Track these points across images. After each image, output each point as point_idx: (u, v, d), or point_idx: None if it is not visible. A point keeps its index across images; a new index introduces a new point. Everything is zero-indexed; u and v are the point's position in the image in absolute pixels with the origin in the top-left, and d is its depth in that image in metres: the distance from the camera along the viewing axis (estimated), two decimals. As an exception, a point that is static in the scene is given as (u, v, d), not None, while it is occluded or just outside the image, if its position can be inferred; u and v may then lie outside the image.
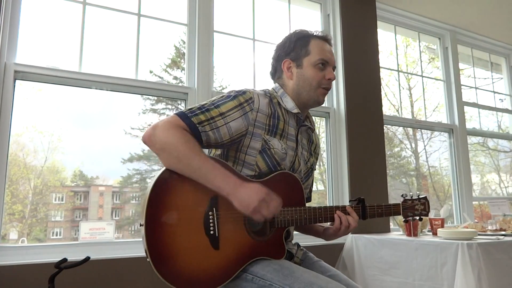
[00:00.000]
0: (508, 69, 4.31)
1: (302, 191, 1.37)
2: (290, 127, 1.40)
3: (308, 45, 1.42)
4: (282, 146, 1.34)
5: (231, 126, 1.26)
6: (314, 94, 1.41)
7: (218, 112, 1.25)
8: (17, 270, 1.79)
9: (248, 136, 1.30)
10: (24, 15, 2.08)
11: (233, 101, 1.29)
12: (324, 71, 1.41)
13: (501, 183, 4.36)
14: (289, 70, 1.43)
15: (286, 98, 1.42)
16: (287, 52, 1.44)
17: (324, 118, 2.98)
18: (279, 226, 1.29)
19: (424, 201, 1.51)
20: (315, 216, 1.35)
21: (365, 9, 3.14)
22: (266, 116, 1.34)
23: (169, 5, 2.54)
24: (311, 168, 1.52)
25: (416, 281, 2.15)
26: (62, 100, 2.20)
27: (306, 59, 1.41)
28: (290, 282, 1.14)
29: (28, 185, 2.15)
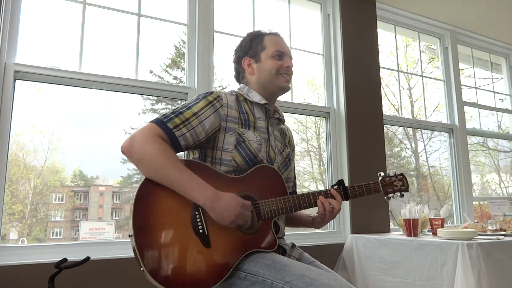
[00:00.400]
0: (508, 69, 4.31)
1: (283, 182, 1.41)
2: (259, 121, 1.47)
3: (263, 41, 1.53)
4: (256, 138, 1.40)
5: (205, 124, 1.31)
6: (277, 81, 1.50)
7: (191, 113, 1.30)
8: (17, 270, 1.79)
9: (222, 131, 1.36)
10: (24, 15, 2.08)
11: (202, 101, 1.35)
12: (281, 60, 1.51)
13: (501, 183, 4.36)
14: (250, 67, 1.53)
15: (252, 93, 1.50)
16: (245, 52, 1.54)
17: (324, 118, 2.98)
18: (267, 217, 1.32)
19: (401, 177, 1.54)
20: (299, 203, 1.38)
21: (365, 9, 3.14)
22: (237, 111, 1.41)
23: (169, 5, 2.54)
24: (287, 158, 1.56)
25: (416, 281, 2.15)
26: (62, 100, 2.20)
27: (263, 53, 1.51)
28: (282, 275, 1.16)
29: (28, 185, 2.15)
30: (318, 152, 3.22)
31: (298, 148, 3.14)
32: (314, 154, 3.25)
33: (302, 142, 3.17)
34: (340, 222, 2.81)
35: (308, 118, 3.13)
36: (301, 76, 3.06)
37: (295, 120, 3.10)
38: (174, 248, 1.16)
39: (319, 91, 3.12)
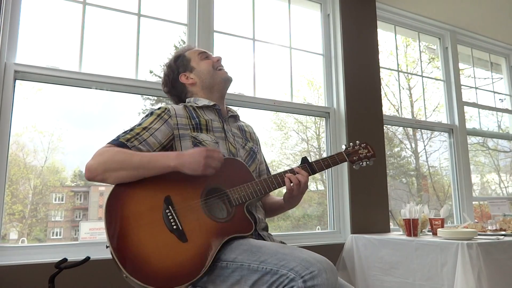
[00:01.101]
0: (508, 69, 4.31)
1: (249, 170, 1.46)
2: (213, 122, 1.52)
3: (185, 55, 1.64)
4: (211, 138, 1.46)
5: (157, 135, 1.39)
6: (218, 76, 1.60)
7: (141, 128, 1.38)
8: (17, 270, 1.79)
9: (176, 139, 1.42)
10: (24, 15, 2.08)
11: (151, 116, 1.43)
12: (209, 58, 1.63)
13: (501, 183, 4.36)
14: (188, 78, 1.61)
15: (199, 100, 1.57)
16: (177, 72, 1.62)
17: (324, 118, 2.98)
18: (238, 203, 1.35)
19: (365, 144, 1.59)
20: (267, 185, 1.41)
21: (365, 9, 3.14)
22: (186, 118, 1.47)
23: (169, 5, 2.54)
24: (251, 151, 1.59)
25: (417, 281, 2.15)
26: (62, 100, 2.20)
27: (192, 63, 1.62)
28: (257, 257, 1.18)
29: (28, 185, 2.15)
30: (318, 152, 3.22)
31: (298, 148, 3.14)
32: (314, 154, 3.25)
33: (302, 142, 3.17)
34: (340, 222, 2.81)
35: (308, 118, 3.13)
36: (301, 76, 3.06)
37: (295, 120, 3.10)
38: (152, 248, 1.18)
39: (319, 91, 3.12)
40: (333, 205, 2.83)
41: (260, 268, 1.15)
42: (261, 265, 1.15)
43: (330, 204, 2.85)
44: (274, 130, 2.99)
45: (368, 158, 1.58)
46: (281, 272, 1.10)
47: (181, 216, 1.25)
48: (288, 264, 1.10)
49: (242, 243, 1.27)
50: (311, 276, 1.06)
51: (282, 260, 1.12)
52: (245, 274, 1.18)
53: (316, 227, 2.92)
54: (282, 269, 1.11)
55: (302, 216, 2.94)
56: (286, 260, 1.12)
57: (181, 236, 1.22)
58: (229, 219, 1.32)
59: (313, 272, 1.06)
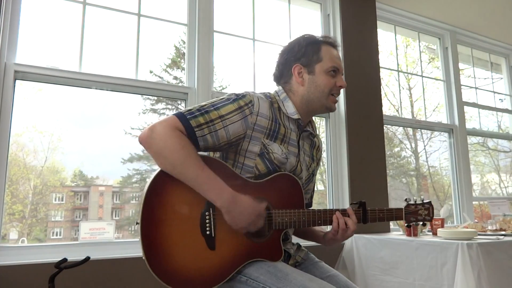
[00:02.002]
0: (508, 69, 4.31)
1: (302, 193, 1.35)
2: (291, 132, 1.38)
3: (320, 51, 1.40)
4: (282, 151, 1.32)
5: (229, 129, 1.24)
6: (326, 101, 1.40)
7: (217, 115, 1.23)
8: (17, 270, 1.79)
9: (246, 139, 1.29)
10: (24, 15, 2.08)
11: (233, 104, 1.27)
12: (335, 78, 1.40)
13: (501, 183, 4.36)
14: (300, 76, 1.40)
15: (288, 103, 1.40)
16: (298, 57, 1.40)
17: (324, 118, 2.98)
18: (277, 228, 1.28)
19: (428, 206, 1.48)
20: (313, 219, 1.32)
21: (365, 9, 3.14)
22: (267, 120, 1.32)
23: (169, 5, 2.54)
24: (312, 173, 1.50)
25: (417, 281, 2.15)
26: (62, 100, 2.20)
27: (318, 65, 1.39)
28: (283, 284, 1.14)
29: (28, 185, 2.15)
30: (318, 152, 3.22)
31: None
32: (314, 154, 3.24)
33: (302, 142, 3.17)
34: (340, 222, 2.81)
35: (308, 118, 3.13)
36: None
37: (295, 120, 3.09)
38: (177, 244, 1.15)
39: (319, 91, 3.11)
40: (333, 205, 2.83)
41: None
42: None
43: (330, 204, 2.85)
44: (274, 130, 2.99)
45: (423, 221, 1.47)
46: None
47: (218, 223, 1.19)
48: None
49: (266, 263, 1.23)
50: None
51: None
52: None
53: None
54: None
55: (302, 216, 2.93)
56: None
57: (210, 243, 1.18)
58: (261, 241, 1.26)
59: None
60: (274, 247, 1.28)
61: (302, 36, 1.45)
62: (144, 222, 1.13)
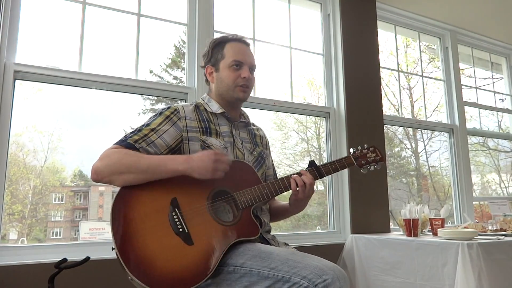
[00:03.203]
0: (508, 69, 4.31)
1: (255, 173, 1.45)
2: (222, 126, 1.50)
3: (223, 49, 1.53)
4: (220, 142, 1.44)
5: (165, 137, 1.36)
6: (233, 92, 1.51)
7: (149, 129, 1.35)
8: (17, 270, 1.79)
9: (185, 141, 1.40)
10: (24, 15, 2.08)
11: (160, 116, 1.39)
12: (239, 70, 1.51)
13: (502, 183, 4.35)
14: (211, 75, 1.56)
15: (211, 102, 1.54)
16: (208, 59, 1.56)
17: (324, 118, 2.98)
18: (244, 207, 1.34)
19: (373, 148, 1.57)
20: (274, 188, 1.40)
21: (365, 9, 3.14)
22: (195, 121, 1.44)
23: (169, 5, 2.54)
24: (259, 156, 1.58)
25: (418, 281, 2.15)
26: (62, 100, 2.20)
27: (222, 62, 1.52)
28: (268, 263, 1.17)
29: (27, 185, 2.15)
30: (318, 152, 3.22)
31: (298, 148, 3.14)
32: (314, 154, 3.24)
33: (302, 142, 3.17)
34: (340, 222, 2.81)
35: (308, 118, 3.13)
36: (301, 76, 3.05)
37: (295, 120, 3.10)
38: (157, 250, 1.18)
39: (319, 91, 3.12)
40: (333, 205, 2.83)
41: (271, 275, 1.14)
42: (272, 272, 1.14)
43: (330, 204, 2.85)
44: (274, 130, 2.99)
45: (376, 162, 1.56)
46: (294, 280, 1.10)
47: (188, 219, 1.24)
48: (301, 271, 1.10)
49: (249, 248, 1.26)
50: (324, 284, 1.06)
51: (294, 268, 1.11)
52: (254, 280, 1.18)
53: (316, 227, 2.92)
54: (295, 277, 1.10)
55: (302, 216, 2.94)
56: (298, 267, 1.11)
57: (187, 239, 1.21)
58: (235, 222, 1.31)
59: (326, 280, 1.06)
60: (248, 224, 1.33)
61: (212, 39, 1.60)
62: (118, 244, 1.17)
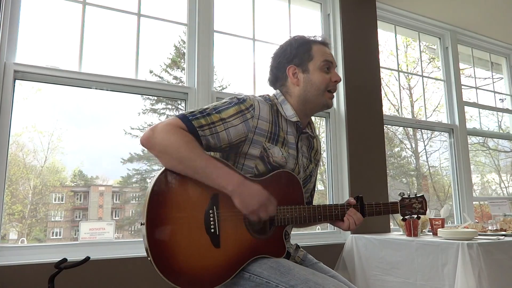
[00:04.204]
0: (508, 69, 4.31)
1: (302, 190, 1.37)
2: (289, 135, 1.40)
3: (311, 50, 1.42)
4: (282, 154, 1.35)
5: (231, 132, 1.27)
6: (323, 98, 1.41)
7: (218, 117, 1.26)
8: (17, 270, 1.79)
9: (247, 142, 1.31)
10: (24, 15, 2.08)
11: (234, 107, 1.29)
12: (329, 73, 1.42)
13: (502, 183, 4.35)
14: (295, 76, 1.41)
15: (286, 105, 1.41)
16: (290, 59, 1.42)
17: (324, 118, 2.98)
18: (279, 224, 1.30)
19: (421, 199, 1.52)
20: (314, 214, 1.35)
21: (365, 9, 3.14)
22: (268, 123, 1.34)
23: (169, 5, 2.54)
24: (309, 175, 1.52)
25: (418, 281, 2.14)
26: (62, 100, 2.20)
27: (311, 63, 1.40)
28: (287, 279, 1.15)
29: (27, 185, 2.15)
30: (318, 152, 3.21)
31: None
32: (314, 154, 3.24)
33: (302, 142, 3.16)
34: (340, 222, 2.80)
35: (308, 118, 3.12)
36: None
37: (295, 120, 3.09)
38: (183, 243, 1.16)
39: (319, 91, 3.11)
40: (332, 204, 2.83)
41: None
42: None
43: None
44: (274, 130, 2.99)
45: (418, 214, 1.52)
46: None
47: (222, 221, 1.21)
48: None
49: (269, 259, 1.25)
50: None
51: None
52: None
53: (316, 227, 2.91)
54: None
55: (302, 216, 2.93)
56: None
57: (215, 241, 1.19)
58: (265, 238, 1.28)
59: None
60: (277, 243, 1.30)
61: (292, 38, 1.48)
62: (149, 222, 1.13)
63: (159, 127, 1.18)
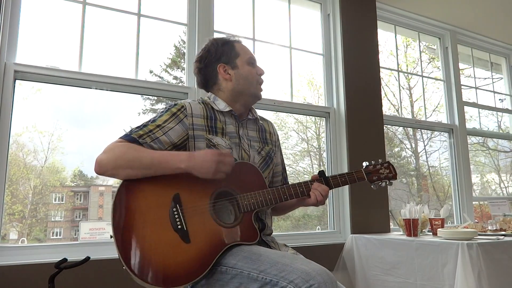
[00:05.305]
0: (508, 69, 4.31)
1: (262, 176, 1.43)
2: (228, 125, 1.48)
3: (235, 48, 1.54)
4: (226, 142, 1.42)
5: (170, 135, 1.35)
6: (255, 89, 1.53)
7: (154, 125, 1.34)
8: (17, 270, 1.79)
9: (190, 139, 1.39)
10: (24, 15, 2.08)
11: (166, 113, 1.38)
12: (255, 67, 1.55)
13: (501, 183, 4.36)
14: (226, 72, 1.51)
15: (217, 101, 1.51)
16: (217, 57, 1.52)
17: (324, 118, 2.98)
18: (245, 211, 1.33)
19: (387, 164, 1.54)
20: (279, 195, 1.39)
21: (365, 9, 3.14)
22: (202, 118, 1.43)
23: (169, 5, 2.54)
24: (267, 156, 1.55)
25: (418, 281, 2.15)
26: (62, 100, 2.20)
27: (238, 60, 1.52)
28: (257, 265, 1.18)
29: (28, 185, 2.15)
30: (318, 152, 3.22)
31: (298, 148, 3.14)
32: (314, 154, 3.25)
33: (302, 142, 3.17)
34: (340, 222, 2.81)
35: (308, 118, 3.13)
36: (301, 76, 3.06)
37: (295, 120, 3.10)
38: (154, 244, 1.19)
39: (319, 91, 3.12)
40: (333, 205, 2.83)
41: (259, 277, 1.15)
42: (260, 275, 1.15)
43: (330, 204, 2.85)
44: (274, 130, 2.99)
45: (388, 179, 1.53)
46: (281, 283, 1.10)
47: (187, 216, 1.24)
48: (288, 275, 1.10)
49: (242, 248, 1.26)
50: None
51: (282, 271, 1.12)
52: (244, 282, 1.18)
53: (316, 227, 2.92)
54: (282, 280, 1.10)
55: (302, 216, 2.94)
56: (286, 271, 1.11)
57: (184, 237, 1.22)
58: (235, 225, 1.31)
59: (313, 285, 1.06)
60: (248, 229, 1.33)
61: (212, 39, 1.58)
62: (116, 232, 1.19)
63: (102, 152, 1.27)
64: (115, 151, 1.26)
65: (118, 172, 1.25)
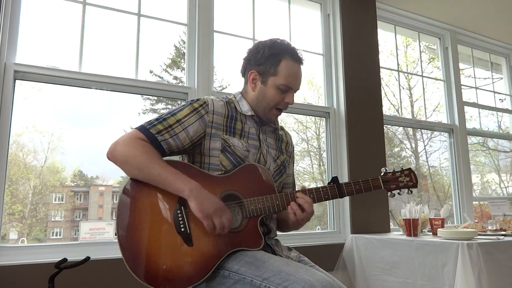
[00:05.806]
0: (508, 69, 4.31)
1: (271, 180, 1.38)
2: (250, 127, 1.44)
3: (278, 66, 1.41)
4: (243, 144, 1.38)
5: (189, 131, 1.32)
6: (269, 113, 1.46)
7: (174, 120, 1.31)
8: (17, 270, 1.79)
9: (207, 137, 1.35)
10: (24, 15, 2.08)
11: (187, 107, 1.35)
12: (284, 94, 1.43)
13: (501, 183, 4.36)
14: (253, 82, 1.45)
15: (242, 102, 1.47)
16: (257, 64, 1.44)
17: (324, 118, 2.98)
18: (251, 216, 1.30)
19: (408, 172, 1.42)
20: (287, 201, 1.33)
21: (365, 9, 3.14)
22: (223, 117, 1.39)
23: (169, 5, 2.54)
24: (282, 165, 1.52)
25: (418, 281, 2.15)
26: (62, 100, 2.20)
27: (272, 78, 1.42)
28: (261, 272, 1.16)
29: (28, 185, 2.15)
30: (318, 152, 3.22)
31: (298, 148, 3.14)
32: (314, 154, 3.25)
33: (302, 142, 3.17)
34: (340, 222, 2.81)
35: (308, 118, 3.13)
36: (301, 76, 3.05)
37: (295, 120, 3.10)
38: (155, 245, 1.19)
39: (319, 91, 3.12)
40: (333, 205, 2.83)
41: (262, 286, 1.14)
42: (263, 283, 1.14)
43: (330, 204, 2.85)
44: (274, 130, 2.99)
45: (408, 187, 1.41)
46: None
47: (191, 219, 1.23)
48: (292, 286, 1.08)
49: (246, 254, 1.25)
50: None
51: (286, 281, 1.10)
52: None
53: (316, 227, 2.92)
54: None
55: (302, 216, 2.93)
56: (290, 281, 1.09)
57: (187, 240, 1.21)
58: (240, 230, 1.29)
59: None
60: (252, 235, 1.30)
61: (270, 42, 1.46)
62: (120, 230, 1.18)
63: (120, 141, 1.26)
64: (130, 148, 1.24)
65: (126, 168, 1.25)
